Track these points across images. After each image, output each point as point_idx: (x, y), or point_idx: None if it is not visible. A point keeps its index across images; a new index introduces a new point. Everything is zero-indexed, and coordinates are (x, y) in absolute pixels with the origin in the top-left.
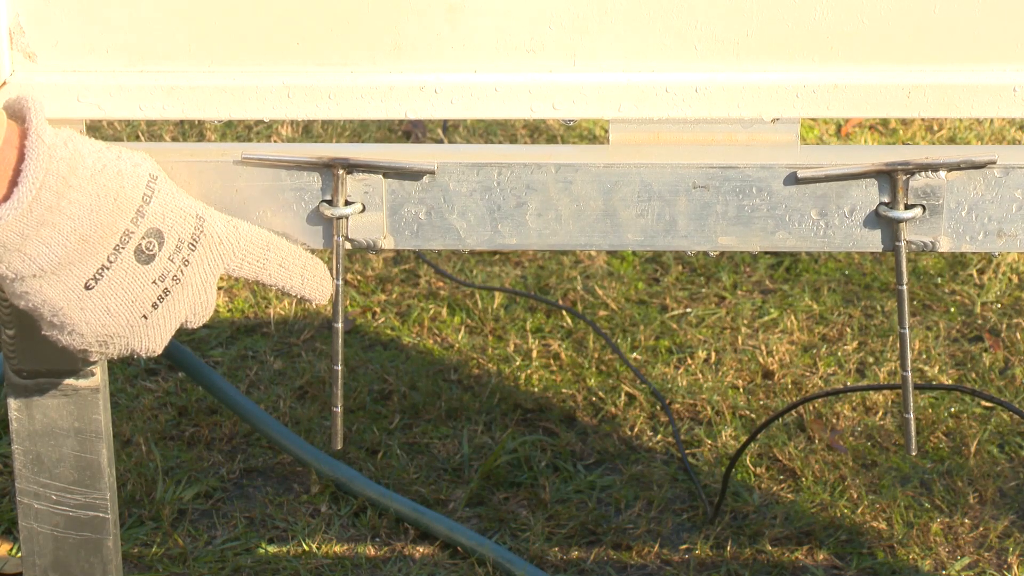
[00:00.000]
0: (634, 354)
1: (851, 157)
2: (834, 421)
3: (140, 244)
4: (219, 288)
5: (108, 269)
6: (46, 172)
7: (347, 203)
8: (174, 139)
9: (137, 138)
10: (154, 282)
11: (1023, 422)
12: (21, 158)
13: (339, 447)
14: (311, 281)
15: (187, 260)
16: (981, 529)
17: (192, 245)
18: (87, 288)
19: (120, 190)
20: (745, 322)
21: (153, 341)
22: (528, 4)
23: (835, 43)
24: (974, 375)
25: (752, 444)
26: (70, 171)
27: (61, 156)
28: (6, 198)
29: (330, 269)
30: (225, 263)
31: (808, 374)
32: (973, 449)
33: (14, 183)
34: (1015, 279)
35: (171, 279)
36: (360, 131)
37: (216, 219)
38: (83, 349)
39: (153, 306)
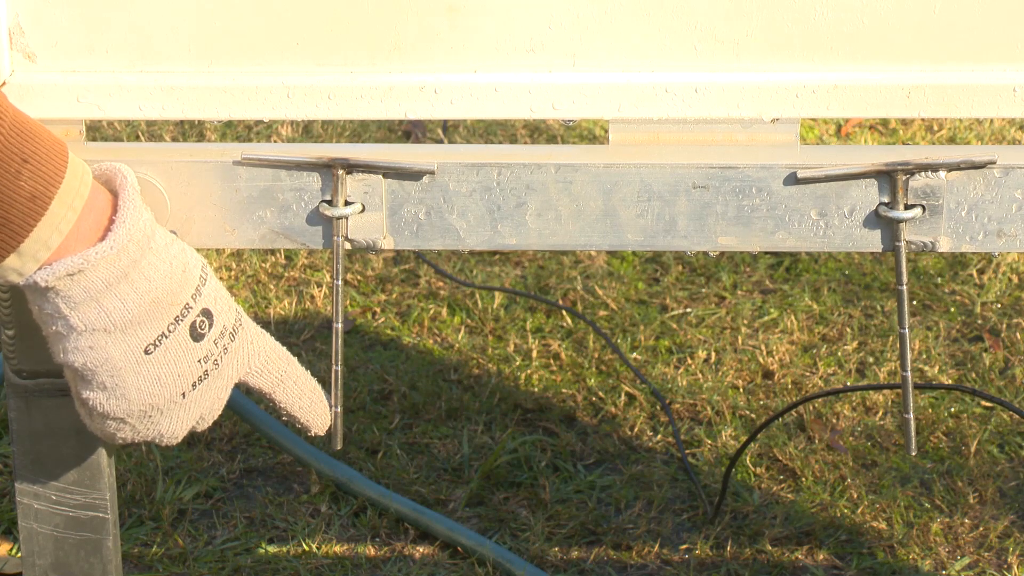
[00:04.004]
0: (634, 354)
1: (851, 157)
2: (834, 421)
3: (195, 321)
4: None
5: (166, 338)
6: (135, 227)
7: (347, 203)
8: (174, 139)
9: (137, 138)
10: (199, 361)
11: (1023, 422)
12: (113, 211)
13: (339, 447)
14: (316, 407)
15: (226, 348)
16: (981, 529)
17: (232, 335)
18: (146, 352)
19: (186, 264)
20: (745, 322)
21: (178, 427)
22: (528, 4)
23: (835, 43)
24: (974, 375)
25: (752, 444)
26: (152, 234)
27: (146, 218)
28: (101, 240)
29: (330, 269)
30: (250, 365)
31: (808, 374)
32: (973, 449)
33: (108, 229)
34: (1015, 279)
35: (212, 363)
36: (360, 131)
37: (249, 321)
38: (119, 419)
39: (192, 386)
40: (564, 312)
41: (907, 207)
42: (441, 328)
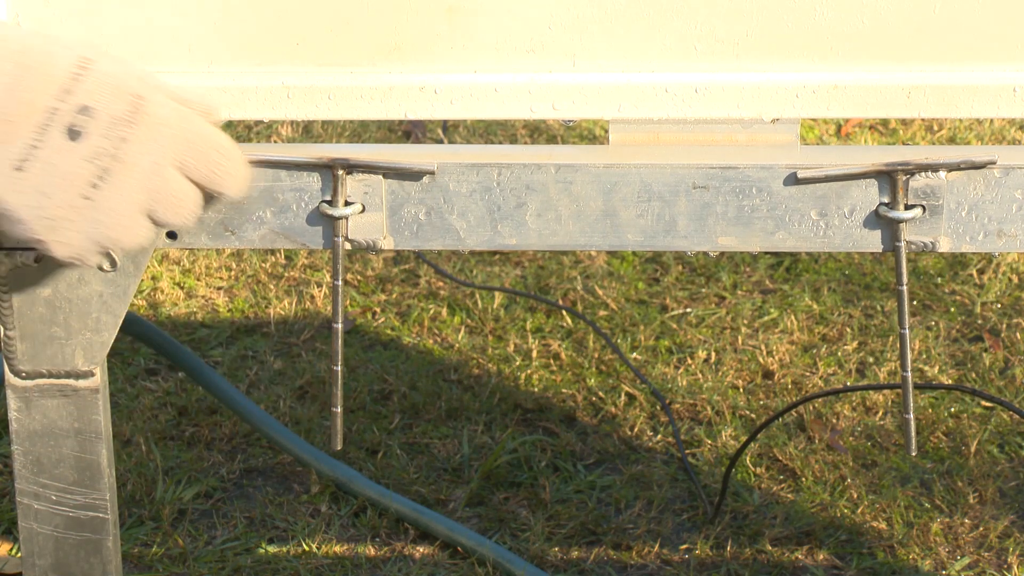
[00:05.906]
0: (634, 354)
1: (851, 157)
2: (834, 421)
3: (70, 121)
4: (219, 288)
5: (38, 149)
6: None
7: (347, 203)
8: None
9: None
10: (87, 160)
11: (1023, 422)
12: None
13: (339, 447)
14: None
15: (124, 137)
16: (981, 529)
17: (130, 122)
18: (19, 170)
19: (44, 66)
20: (745, 322)
21: (112, 228)
22: (528, 4)
23: (835, 43)
24: (974, 375)
25: (752, 444)
26: None
27: None
28: None
29: (330, 269)
30: (175, 149)
31: (808, 374)
32: (973, 449)
33: None
34: (1015, 279)
35: (108, 157)
36: (360, 131)
37: (161, 101)
38: (34, 238)
39: (93, 186)
40: (564, 312)
41: (907, 207)
42: (441, 328)
